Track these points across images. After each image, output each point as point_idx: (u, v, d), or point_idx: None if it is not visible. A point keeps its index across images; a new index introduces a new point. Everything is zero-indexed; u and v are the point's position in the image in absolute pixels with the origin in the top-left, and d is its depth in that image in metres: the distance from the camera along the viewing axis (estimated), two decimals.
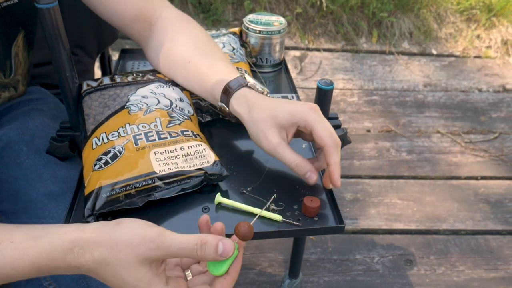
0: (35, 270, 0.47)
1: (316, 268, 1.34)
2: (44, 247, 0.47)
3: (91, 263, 0.47)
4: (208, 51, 0.73)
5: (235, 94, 0.65)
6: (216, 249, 0.47)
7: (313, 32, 2.29)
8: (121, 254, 0.46)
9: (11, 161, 0.73)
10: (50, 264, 0.47)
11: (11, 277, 0.47)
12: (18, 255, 0.47)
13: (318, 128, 0.59)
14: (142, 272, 0.46)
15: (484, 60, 2.29)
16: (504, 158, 1.76)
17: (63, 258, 0.47)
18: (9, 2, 0.71)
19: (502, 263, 1.39)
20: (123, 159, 0.61)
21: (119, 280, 0.47)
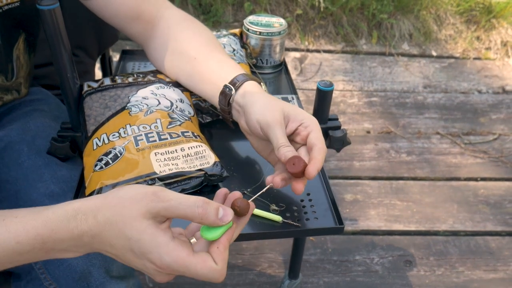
0: (39, 243, 0.47)
1: (316, 269, 1.34)
2: (48, 217, 0.47)
3: (94, 228, 0.47)
4: (214, 48, 0.74)
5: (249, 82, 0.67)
6: (217, 211, 0.47)
7: (313, 34, 2.29)
8: (124, 210, 0.46)
9: (12, 162, 0.73)
10: (53, 235, 0.47)
11: (15, 252, 0.47)
12: (22, 228, 0.47)
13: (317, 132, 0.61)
14: (145, 224, 0.46)
15: (484, 62, 2.30)
16: (504, 159, 1.76)
17: (66, 227, 0.47)
18: (11, 5, 0.71)
19: (501, 264, 1.39)
20: (124, 160, 0.61)
21: (122, 239, 0.47)
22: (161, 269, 0.47)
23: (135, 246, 0.46)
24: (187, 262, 0.46)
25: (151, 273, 0.48)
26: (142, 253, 0.47)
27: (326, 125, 0.82)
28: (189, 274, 0.47)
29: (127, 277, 0.74)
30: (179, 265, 0.46)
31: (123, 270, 0.73)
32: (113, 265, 0.70)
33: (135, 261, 0.48)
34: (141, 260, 0.47)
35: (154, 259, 0.46)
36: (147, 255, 0.46)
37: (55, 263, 0.67)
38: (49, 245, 0.47)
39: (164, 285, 1.27)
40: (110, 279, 0.69)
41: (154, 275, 0.49)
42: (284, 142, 0.59)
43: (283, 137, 0.60)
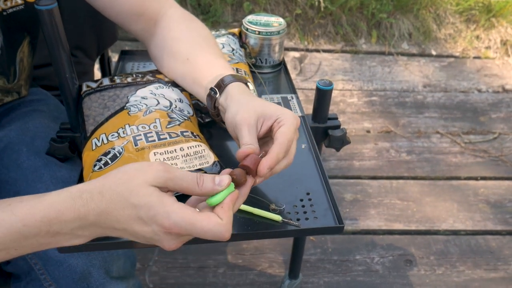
0: (45, 225, 0.47)
1: (316, 269, 1.34)
2: (53, 199, 0.48)
3: (99, 203, 0.47)
4: (210, 49, 0.73)
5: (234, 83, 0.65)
6: (213, 179, 0.50)
7: (313, 33, 2.29)
8: (131, 180, 0.48)
9: (11, 162, 0.73)
10: (59, 216, 0.47)
11: (22, 235, 0.47)
12: (28, 210, 0.47)
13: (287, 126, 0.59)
14: (152, 189, 0.48)
15: (484, 61, 2.30)
16: (504, 158, 1.76)
17: (72, 206, 0.47)
18: (15, 8, 0.71)
19: (502, 263, 1.39)
20: (123, 160, 0.61)
21: (129, 208, 0.47)
22: (169, 229, 0.48)
23: (142, 212, 0.47)
24: (193, 219, 0.47)
25: (160, 238, 0.49)
26: (149, 217, 0.47)
27: (325, 125, 0.82)
28: (196, 232, 0.48)
29: (127, 277, 0.73)
30: (186, 222, 0.47)
31: (123, 270, 0.73)
32: (113, 265, 0.70)
33: (143, 230, 0.49)
34: (149, 226, 0.48)
35: (162, 220, 0.47)
36: (155, 217, 0.47)
37: (55, 263, 0.67)
38: (55, 227, 0.48)
39: (165, 286, 1.27)
40: (110, 280, 0.69)
41: (163, 241, 0.49)
42: (247, 141, 0.58)
43: (247, 136, 0.58)
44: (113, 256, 0.70)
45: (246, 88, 0.66)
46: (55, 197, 0.48)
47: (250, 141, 0.58)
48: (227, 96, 0.64)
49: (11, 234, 0.47)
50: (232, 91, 0.64)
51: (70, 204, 0.47)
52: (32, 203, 0.48)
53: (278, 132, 0.58)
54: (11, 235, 0.47)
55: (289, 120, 0.59)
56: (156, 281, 1.28)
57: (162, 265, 1.31)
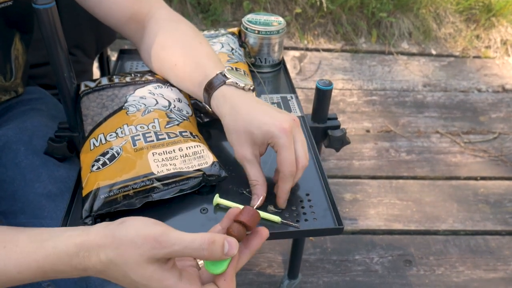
0: (40, 273, 0.47)
1: (316, 269, 1.34)
2: (49, 253, 0.47)
3: (98, 266, 0.47)
4: (194, 52, 0.72)
5: (214, 93, 0.65)
6: (222, 248, 0.46)
7: (312, 32, 2.29)
8: (126, 254, 0.46)
9: (9, 161, 0.72)
10: (55, 268, 0.47)
11: (17, 280, 0.48)
12: (23, 260, 0.47)
13: (282, 154, 0.59)
14: (151, 270, 0.46)
15: (484, 60, 2.29)
16: (504, 158, 1.76)
17: (68, 263, 0.47)
18: (4, 4, 0.70)
19: (501, 263, 1.39)
20: (121, 160, 0.61)
21: (129, 279, 0.47)
22: None
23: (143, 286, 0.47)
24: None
25: None
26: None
27: (325, 125, 0.82)
28: None
29: None
30: None
31: None
32: None
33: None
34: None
35: None
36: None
37: None
38: (51, 275, 0.48)
39: None
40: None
41: None
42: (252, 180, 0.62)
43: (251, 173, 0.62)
44: None
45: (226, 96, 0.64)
46: (51, 249, 0.47)
47: (254, 180, 0.62)
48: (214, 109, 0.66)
49: (6, 278, 0.47)
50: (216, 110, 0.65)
51: (66, 260, 0.47)
52: (27, 252, 0.47)
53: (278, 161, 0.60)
54: (6, 278, 0.47)
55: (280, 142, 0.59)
56: None
57: None
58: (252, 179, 0.62)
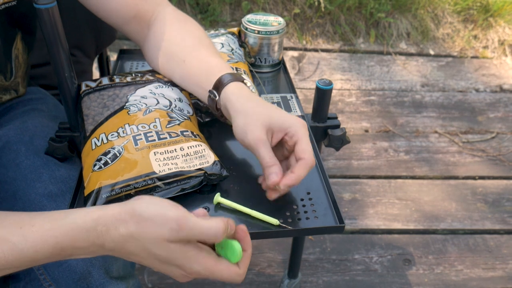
0: (58, 251, 0.47)
1: (315, 268, 1.34)
2: (66, 228, 0.48)
3: (117, 239, 0.48)
4: (204, 49, 0.73)
5: (231, 84, 0.65)
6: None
7: (311, 33, 2.29)
8: (148, 231, 0.48)
9: (9, 162, 0.72)
10: (73, 244, 0.47)
11: (34, 260, 0.48)
12: (40, 238, 0.47)
13: (304, 141, 0.61)
14: (173, 246, 0.48)
15: (481, 60, 2.30)
16: (502, 157, 1.76)
17: (86, 238, 0.47)
18: (8, 4, 0.70)
19: (500, 262, 1.40)
20: (123, 160, 0.61)
21: (148, 252, 0.48)
22: (190, 274, 0.50)
23: (163, 260, 0.49)
24: (214, 269, 0.50)
25: (176, 276, 0.51)
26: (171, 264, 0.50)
27: (325, 124, 0.82)
28: (213, 277, 0.51)
29: (127, 277, 0.73)
30: (207, 271, 0.50)
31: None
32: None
33: (161, 267, 0.50)
34: (169, 266, 0.50)
35: (184, 268, 0.50)
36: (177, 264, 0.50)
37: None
38: (68, 252, 0.48)
39: (163, 286, 1.27)
40: (110, 280, 0.68)
41: (178, 278, 0.52)
42: (268, 161, 0.60)
43: (266, 156, 0.60)
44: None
45: (244, 88, 0.66)
46: (69, 225, 0.48)
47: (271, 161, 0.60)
48: (227, 102, 0.65)
49: (21, 258, 0.47)
50: (231, 97, 0.64)
51: (84, 235, 0.48)
52: (44, 230, 0.48)
53: (299, 151, 0.60)
54: (21, 259, 0.47)
55: (301, 132, 0.61)
56: (155, 281, 1.27)
57: None
58: (267, 161, 0.60)
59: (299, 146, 0.60)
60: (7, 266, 0.47)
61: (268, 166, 0.60)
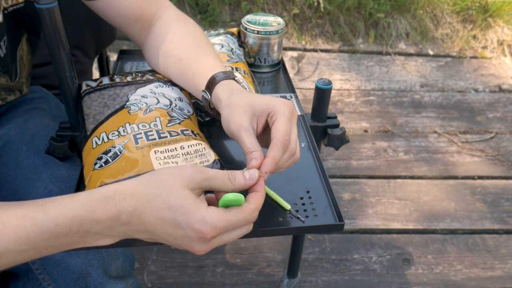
0: (76, 224, 0.48)
1: (315, 268, 1.35)
2: (86, 199, 0.49)
3: (133, 204, 0.49)
4: (200, 48, 0.73)
5: (221, 82, 0.65)
6: (243, 175, 0.53)
7: (310, 33, 2.30)
8: (167, 182, 0.49)
9: (10, 161, 0.73)
10: (91, 216, 0.48)
11: (53, 235, 0.48)
12: (60, 211, 0.48)
13: (280, 120, 0.58)
14: (187, 192, 0.49)
15: (480, 61, 2.31)
16: (501, 157, 1.77)
17: (105, 207, 0.48)
18: (16, 6, 0.71)
19: (499, 262, 1.40)
20: (124, 158, 0.61)
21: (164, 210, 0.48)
22: (204, 233, 0.49)
23: (178, 214, 0.48)
24: (228, 216, 0.50)
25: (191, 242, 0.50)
26: (185, 221, 0.49)
27: (325, 123, 0.82)
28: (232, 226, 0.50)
29: (126, 277, 0.73)
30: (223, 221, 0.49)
31: (122, 270, 0.73)
32: (111, 265, 0.70)
33: (175, 233, 0.50)
34: (183, 230, 0.49)
35: (197, 223, 0.48)
36: (190, 220, 0.48)
37: (53, 263, 0.67)
38: (86, 226, 0.49)
39: (162, 285, 1.27)
40: (109, 279, 0.69)
41: (193, 245, 0.50)
42: (250, 147, 0.57)
43: (248, 142, 0.58)
44: (111, 255, 0.70)
45: (235, 85, 0.65)
46: (87, 197, 0.49)
47: (252, 147, 0.57)
48: (216, 100, 0.65)
49: (42, 234, 0.48)
50: (219, 94, 0.64)
51: (103, 204, 0.49)
52: (64, 203, 0.49)
53: (273, 129, 0.57)
54: (42, 235, 0.48)
55: (280, 111, 0.58)
56: (154, 281, 1.27)
57: (160, 265, 1.31)
58: (248, 147, 0.57)
59: (274, 125, 0.58)
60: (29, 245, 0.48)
61: (249, 152, 0.57)
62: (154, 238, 0.51)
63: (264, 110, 0.59)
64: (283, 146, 0.57)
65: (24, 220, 0.48)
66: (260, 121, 0.60)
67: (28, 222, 0.47)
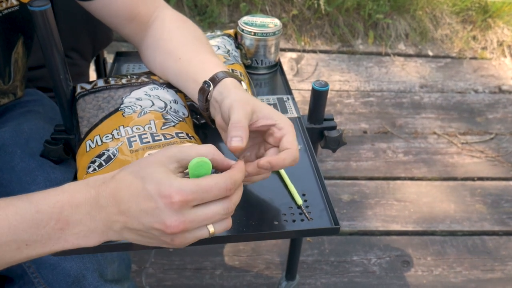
0: (57, 210, 0.48)
1: (313, 270, 1.34)
2: (68, 187, 0.51)
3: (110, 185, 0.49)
4: (200, 48, 0.73)
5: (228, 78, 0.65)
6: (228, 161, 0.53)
7: (309, 34, 2.29)
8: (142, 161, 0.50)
9: (5, 164, 0.72)
10: (71, 200, 0.49)
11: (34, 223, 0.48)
12: (42, 196, 0.49)
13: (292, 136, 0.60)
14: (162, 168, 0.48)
15: (480, 61, 2.30)
16: (500, 159, 1.76)
17: (84, 189, 0.49)
18: (11, 9, 0.71)
19: (499, 263, 1.39)
20: (117, 162, 0.61)
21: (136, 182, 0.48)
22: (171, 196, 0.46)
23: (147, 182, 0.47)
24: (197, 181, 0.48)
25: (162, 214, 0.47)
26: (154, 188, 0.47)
27: (321, 125, 0.82)
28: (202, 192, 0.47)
29: (122, 280, 0.73)
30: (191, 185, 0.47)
31: (118, 273, 0.72)
32: (107, 268, 0.69)
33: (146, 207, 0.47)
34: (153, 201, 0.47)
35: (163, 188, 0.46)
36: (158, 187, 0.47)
37: (49, 267, 0.66)
38: (66, 213, 0.49)
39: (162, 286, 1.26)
40: (105, 283, 0.68)
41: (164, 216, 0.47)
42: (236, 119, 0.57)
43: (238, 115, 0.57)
44: (107, 259, 0.70)
45: (241, 85, 0.66)
46: (70, 184, 0.51)
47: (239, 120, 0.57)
48: (224, 89, 0.63)
49: (24, 222, 0.48)
50: (228, 84, 0.64)
51: (82, 187, 0.50)
52: (47, 191, 0.50)
53: (286, 142, 0.59)
54: (24, 222, 0.48)
55: (290, 128, 0.60)
56: (152, 283, 1.27)
57: (158, 267, 1.31)
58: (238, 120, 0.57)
59: (287, 138, 0.59)
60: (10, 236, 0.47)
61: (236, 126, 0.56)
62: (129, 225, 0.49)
63: (271, 117, 0.60)
64: (294, 159, 0.59)
65: (7, 208, 0.48)
66: (261, 122, 0.60)
67: (11, 210, 0.48)
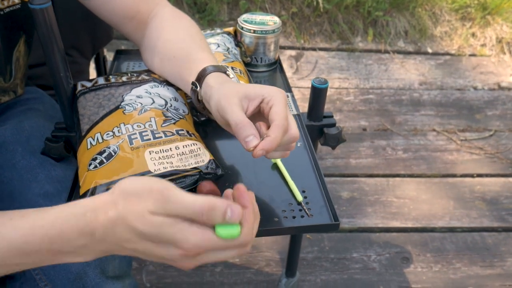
0: (46, 243, 0.46)
1: (313, 267, 1.34)
2: (56, 216, 0.47)
3: (106, 223, 0.45)
4: (194, 45, 0.73)
5: (212, 74, 0.65)
6: (224, 215, 0.45)
7: (309, 32, 2.29)
8: (134, 205, 0.45)
9: (6, 162, 0.73)
10: (61, 235, 0.46)
11: (23, 252, 0.46)
12: (29, 227, 0.46)
13: (279, 106, 0.58)
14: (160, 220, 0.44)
15: (479, 58, 2.30)
16: (500, 155, 1.77)
17: (75, 225, 0.45)
18: (12, 7, 0.71)
19: (498, 260, 1.40)
20: (118, 159, 0.61)
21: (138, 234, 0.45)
22: (188, 251, 0.45)
23: (155, 239, 0.45)
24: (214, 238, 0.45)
25: (176, 259, 0.46)
26: (165, 242, 0.45)
27: (321, 123, 0.82)
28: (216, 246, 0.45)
29: (123, 277, 0.73)
30: (207, 242, 0.45)
31: (119, 270, 0.72)
32: (108, 265, 0.70)
33: (157, 250, 0.46)
34: (165, 247, 0.45)
35: (179, 242, 0.44)
36: (171, 241, 0.44)
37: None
38: (57, 246, 0.46)
39: (161, 285, 1.27)
40: (106, 279, 0.68)
41: (179, 261, 0.46)
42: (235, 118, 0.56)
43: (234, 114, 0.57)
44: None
45: (225, 77, 0.66)
46: (58, 214, 0.47)
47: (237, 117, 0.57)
48: (207, 88, 0.64)
49: (11, 251, 0.46)
50: (210, 82, 0.64)
51: (72, 223, 0.46)
52: (33, 219, 0.47)
53: (272, 113, 0.58)
54: (11, 251, 0.46)
55: (277, 98, 0.59)
56: (153, 280, 1.27)
57: (159, 264, 1.31)
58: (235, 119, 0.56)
59: (272, 109, 0.58)
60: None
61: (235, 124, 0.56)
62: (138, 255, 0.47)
63: (258, 95, 0.60)
64: (284, 129, 0.57)
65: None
66: (252, 104, 0.60)
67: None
